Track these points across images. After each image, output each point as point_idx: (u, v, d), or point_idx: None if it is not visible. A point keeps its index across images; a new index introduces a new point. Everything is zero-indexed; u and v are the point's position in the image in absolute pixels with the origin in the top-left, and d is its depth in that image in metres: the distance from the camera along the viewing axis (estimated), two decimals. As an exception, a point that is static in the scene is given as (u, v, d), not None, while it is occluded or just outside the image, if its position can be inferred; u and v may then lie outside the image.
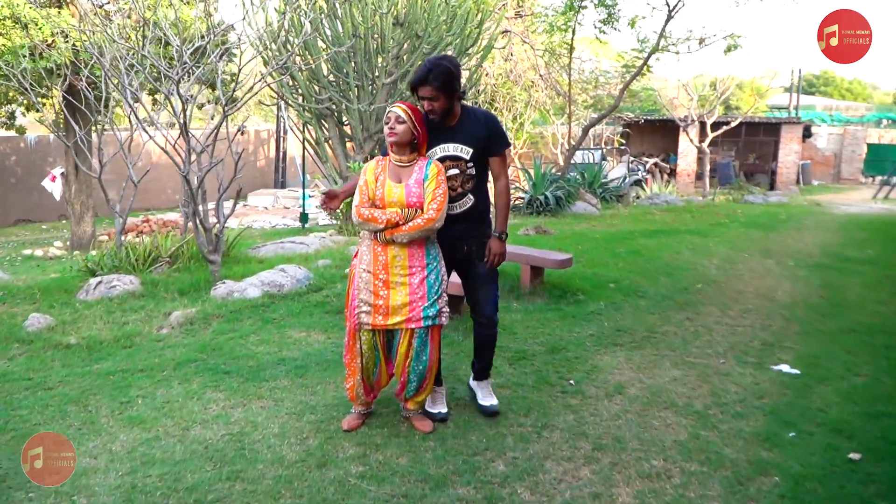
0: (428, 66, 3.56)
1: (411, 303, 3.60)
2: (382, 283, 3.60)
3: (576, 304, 6.29)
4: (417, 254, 3.62)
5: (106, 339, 5.39)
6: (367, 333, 3.68)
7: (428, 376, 3.75)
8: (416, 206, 3.55)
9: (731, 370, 4.78)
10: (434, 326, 3.69)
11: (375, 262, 3.61)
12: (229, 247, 8.05)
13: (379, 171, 3.62)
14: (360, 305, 3.64)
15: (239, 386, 4.36)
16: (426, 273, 3.63)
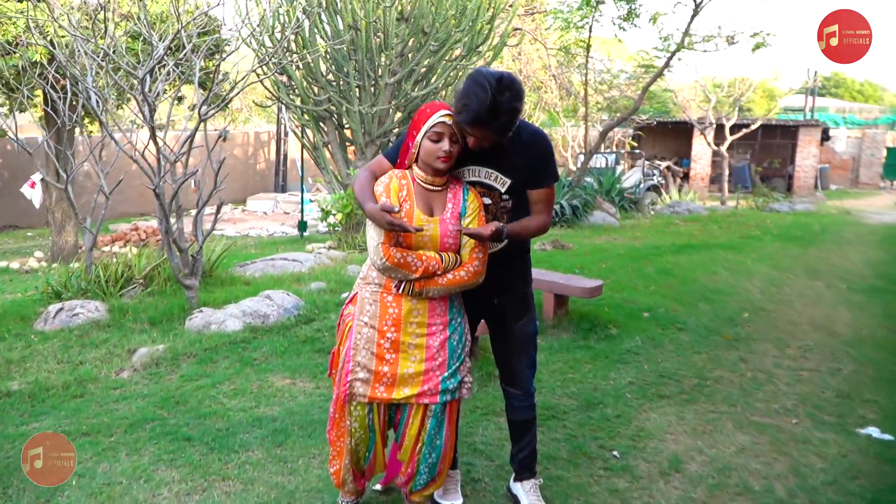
0: (490, 104, 2.47)
1: (427, 371, 2.72)
2: (391, 343, 2.71)
3: (607, 339, 5.41)
4: (440, 308, 2.74)
5: (54, 385, 4.52)
6: (362, 408, 2.78)
7: (442, 466, 2.86)
8: (451, 248, 2.68)
9: (808, 435, 3.90)
10: (452, 403, 2.80)
11: (384, 315, 2.71)
12: (213, 266, 7.18)
13: (404, 195, 2.68)
14: (356, 370, 2.73)
15: (200, 460, 3.48)
16: (448, 333, 2.75)
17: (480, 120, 2.52)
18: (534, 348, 3.05)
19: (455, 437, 2.92)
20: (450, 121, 2.63)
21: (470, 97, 2.52)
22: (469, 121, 2.54)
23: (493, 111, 2.49)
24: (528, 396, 3.04)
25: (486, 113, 2.49)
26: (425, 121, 2.64)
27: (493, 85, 2.48)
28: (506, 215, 2.81)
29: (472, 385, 2.83)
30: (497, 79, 2.51)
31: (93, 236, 6.96)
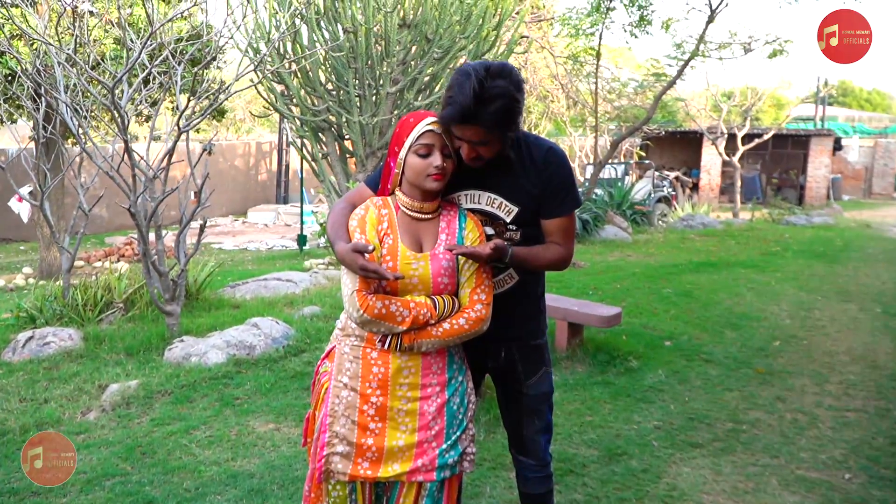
0: (477, 91, 2.00)
1: (420, 443, 2.19)
2: (376, 409, 2.19)
3: (627, 373, 4.90)
4: (436, 364, 2.22)
5: (11, 429, 4.04)
6: (342, 487, 2.26)
7: None
8: (446, 290, 2.16)
9: (865, 494, 3.38)
10: (452, 477, 2.29)
11: (367, 375, 2.19)
12: (200, 286, 6.70)
13: (385, 227, 2.17)
14: (333, 443, 2.21)
15: (162, 530, 2.99)
16: (447, 395, 2.22)
17: (467, 112, 2.01)
18: (549, 410, 2.53)
19: None
20: (439, 129, 2.13)
21: (453, 89, 2.04)
22: (455, 115, 2.03)
23: (480, 99, 2.00)
24: (543, 467, 2.53)
25: (471, 102, 2.00)
26: (409, 132, 2.14)
27: (480, 71, 2.01)
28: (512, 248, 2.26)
29: (475, 457, 2.32)
30: (485, 66, 2.03)
31: (71, 256, 6.48)
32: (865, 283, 8.35)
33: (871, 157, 29.54)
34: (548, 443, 2.53)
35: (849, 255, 10.51)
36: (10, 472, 3.54)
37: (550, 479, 2.57)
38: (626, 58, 23.88)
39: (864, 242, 12.06)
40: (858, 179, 29.55)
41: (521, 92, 2.08)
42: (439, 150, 2.13)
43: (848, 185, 28.67)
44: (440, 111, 2.10)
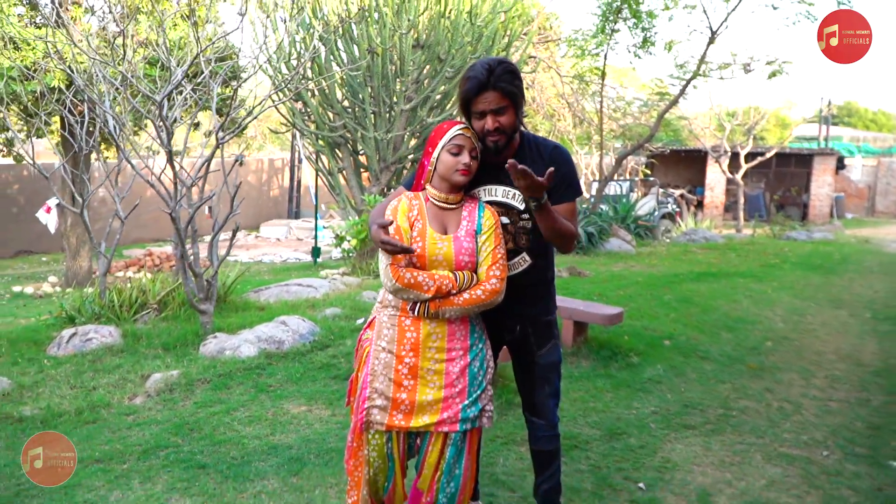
0: (489, 63, 2.54)
1: (446, 399, 2.61)
2: (408, 369, 2.61)
3: (629, 368, 5.30)
4: (460, 331, 2.64)
5: (67, 411, 4.45)
6: (380, 437, 2.68)
7: (461, 497, 2.75)
8: (467, 266, 2.59)
9: (840, 467, 3.77)
10: (473, 430, 2.71)
11: (402, 340, 2.62)
12: (227, 291, 7.12)
13: (415, 214, 2.62)
14: (374, 397, 2.64)
15: (215, 489, 3.39)
16: (469, 359, 2.65)
17: (483, 81, 2.52)
18: (557, 377, 2.94)
19: (476, 467, 2.83)
20: (469, 134, 2.59)
21: (469, 74, 2.57)
22: (474, 87, 2.53)
23: (491, 71, 2.52)
24: (552, 427, 2.93)
25: (486, 74, 2.51)
26: (443, 135, 2.60)
27: (486, 60, 2.57)
28: (525, 235, 2.72)
29: (493, 414, 2.73)
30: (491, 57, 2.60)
31: (107, 261, 6.92)
32: (858, 292, 8.74)
33: (875, 176, 29.89)
34: (556, 406, 2.93)
35: (845, 267, 10.89)
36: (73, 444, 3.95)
37: (558, 439, 2.96)
38: (630, 77, 24.36)
39: (861, 256, 12.44)
40: (862, 198, 29.88)
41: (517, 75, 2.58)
42: (468, 150, 2.58)
43: (851, 203, 29.01)
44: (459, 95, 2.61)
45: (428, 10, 9.98)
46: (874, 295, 8.60)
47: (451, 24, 10.02)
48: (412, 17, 9.76)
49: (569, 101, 17.69)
